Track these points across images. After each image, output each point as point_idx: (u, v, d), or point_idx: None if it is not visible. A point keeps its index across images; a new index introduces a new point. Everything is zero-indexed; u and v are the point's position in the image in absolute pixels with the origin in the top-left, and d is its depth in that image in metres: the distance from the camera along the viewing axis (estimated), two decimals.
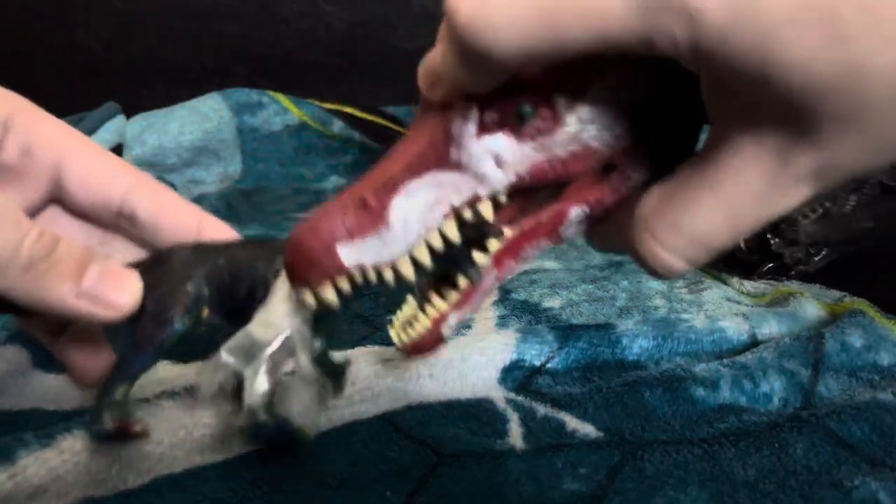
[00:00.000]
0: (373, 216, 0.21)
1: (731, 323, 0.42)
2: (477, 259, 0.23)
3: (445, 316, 0.23)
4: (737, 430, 0.34)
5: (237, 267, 0.28)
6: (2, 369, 0.37)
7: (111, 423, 0.28)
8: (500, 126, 0.21)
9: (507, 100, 0.20)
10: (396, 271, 0.21)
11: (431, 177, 0.21)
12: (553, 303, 0.47)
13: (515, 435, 0.33)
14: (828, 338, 0.40)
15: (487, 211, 0.22)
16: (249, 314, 0.26)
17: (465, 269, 0.23)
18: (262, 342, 0.25)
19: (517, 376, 0.37)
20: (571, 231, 0.23)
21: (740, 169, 0.18)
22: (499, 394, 0.36)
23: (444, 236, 0.21)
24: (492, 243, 0.23)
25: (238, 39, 0.87)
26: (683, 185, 0.19)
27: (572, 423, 0.34)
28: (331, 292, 0.21)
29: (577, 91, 0.20)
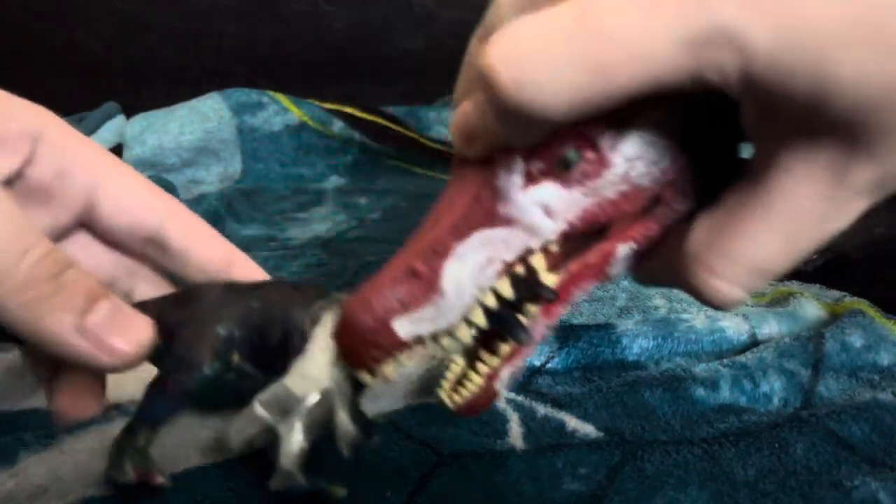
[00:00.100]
0: (425, 285, 0.20)
1: (731, 323, 0.42)
2: (526, 311, 0.21)
3: (497, 371, 0.22)
4: (737, 430, 0.34)
5: (271, 311, 0.25)
6: (2, 369, 0.37)
7: (132, 471, 0.25)
8: (546, 175, 0.20)
9: (550, 147, 0.20)
10: (454, 337, 0.21)
11: (480, 235, 0.20)
12: None
13: (515, 435, 0.33)
14: (828, 338, 0.40)
15: (539, 263, 0.21)
16: (282, 362, 0.24)
17: (513, 328, 0.21)
18: (300, 396, 0.23)
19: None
20: (618, 269, 0.22)
21: (794, 190, 0.18)
22: None
23: (498, 294, 0.21)
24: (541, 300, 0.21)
25: (238, 39, 0.87)
26: (734, 214, 0.19)
27: (572, 423, 0.34)
28: (390, 368, 0.21)
29: (620, 129, 0.20)
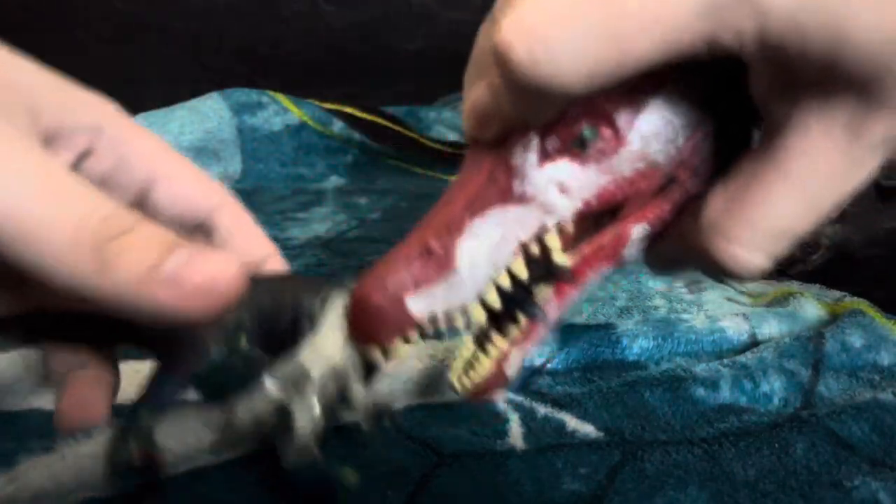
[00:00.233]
0: (439, 262, 0.20)
1: (731, 323, 0.42)
2: (539, 293, 0.21)
3: (508, 354, 0.22)
4: (737, 430, 0.34)
5: (281, 297, 0.25)
6: (2, 369, 0.37)
7: (136, 451, 0.25)
8: (562, 152, 0.20)
9: (566, 124, 0.20)
10: (468, 316, 0.20)
11: (496, 213, 0.20)
12: None
13: (516, 435, 0.33)
14: (828, 338, 0.40)
15: (554, 242, 0.21)
16: (291, 347, 0.25)
17: (526, 306, 0.21)
18: (312, 372, 0.23)
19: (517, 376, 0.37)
20: (633, 251, 0.21)
21: (811, 150, 0.18)
22: None
23: (513, 275, 0.20)
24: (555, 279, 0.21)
25: (238, 39, 0.87)
26: (750, 180, 0.19)
27: (572, 423, 0.34)
28: (402, 346, 0.21)
29: (635, 105, 0.20)
